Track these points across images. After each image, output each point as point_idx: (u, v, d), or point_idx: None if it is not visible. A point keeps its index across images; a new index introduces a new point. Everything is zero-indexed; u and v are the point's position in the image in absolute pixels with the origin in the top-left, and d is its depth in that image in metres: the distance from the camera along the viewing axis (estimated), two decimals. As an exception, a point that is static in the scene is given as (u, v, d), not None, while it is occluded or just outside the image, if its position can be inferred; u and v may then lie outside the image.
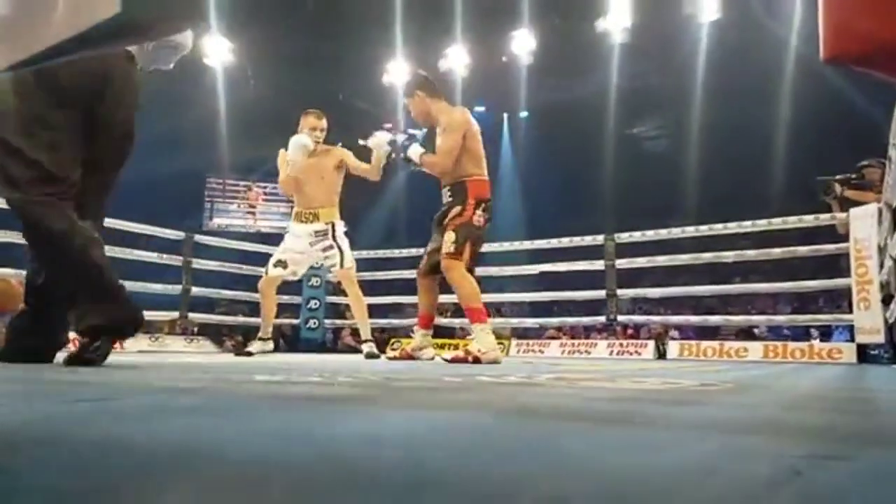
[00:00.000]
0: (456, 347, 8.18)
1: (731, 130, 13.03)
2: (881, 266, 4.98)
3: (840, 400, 1.65)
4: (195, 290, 6.73)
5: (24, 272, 2.81)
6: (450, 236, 3.86)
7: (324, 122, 5.02)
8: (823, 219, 5.90)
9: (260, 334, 5.13)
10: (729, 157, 13.25)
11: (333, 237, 5.00)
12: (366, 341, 5.05)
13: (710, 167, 13.27)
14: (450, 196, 4.04)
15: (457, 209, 3.93)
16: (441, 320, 7.93)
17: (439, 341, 8.51)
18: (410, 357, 4.30)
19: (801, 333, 8.94)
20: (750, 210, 6.60)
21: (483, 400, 1.32)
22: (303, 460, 0.58)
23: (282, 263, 4.99)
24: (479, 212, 3.91)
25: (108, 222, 5.98)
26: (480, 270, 7.77)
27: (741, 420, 0.99)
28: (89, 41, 1.27)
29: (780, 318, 7.60)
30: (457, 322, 8.13)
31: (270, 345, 5.13)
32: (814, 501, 0.46)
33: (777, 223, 6.14)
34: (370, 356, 4.78)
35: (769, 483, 0.51)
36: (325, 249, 5.01)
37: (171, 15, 1.31)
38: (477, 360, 3.62)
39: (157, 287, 6.60)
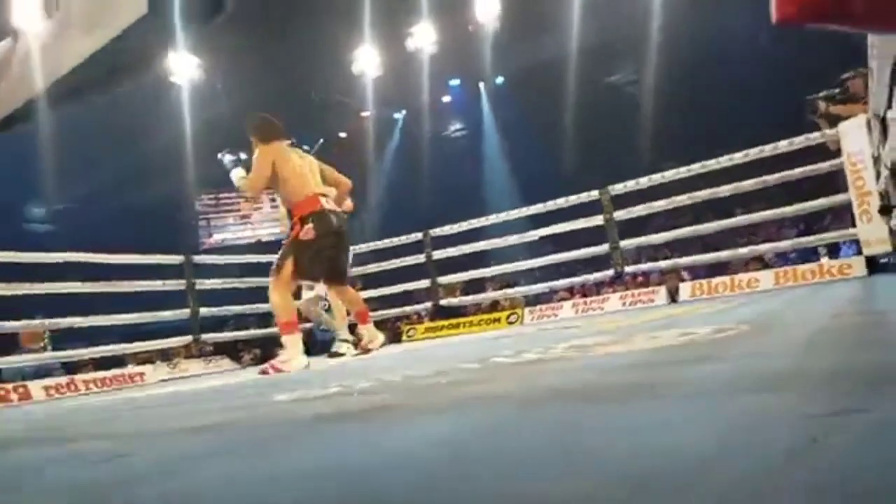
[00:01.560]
0: (460, 325, 8.21)
1: (708, 65, 12.91)
2: (878, 176, 4.95)
3: (858, 329, 1.65)
4: (204, 310, 6.75)
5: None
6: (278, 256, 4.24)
7: None
8: (813, 138, 5.84)
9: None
10: (710, 93, 13.13)
11: None
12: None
13: (692, 105, 13.16)
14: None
15: (291, 232, 4.27)
16: (452, 300, 7.98)
17: (454, 321, 8.54)
18: (367, 351, 4.62)
19: (810, 254, 8.93)
20: (740, 142, 6.53)
21: (501, 391, 1.33)
22: (339, 498, 0.58)
23: None
24: (306, 227, 4.16)
25: (105, 258, 6.05)
26: (483, 244, 7.85)
27: (757, 374, 0.99)
28: (71, 91, 1.26)
29: (785, 244, 7.57)
30: (468, 300, 8.16)
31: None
32: (830, 471, 0.46)
33: (769, 150, 6.08)
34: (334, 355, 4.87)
35: (787, 456, 0.51)
36: None
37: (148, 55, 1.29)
38: (279, 371, 3.83)
39: (166, 314, 6.61)
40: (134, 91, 11.68)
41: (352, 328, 5.30)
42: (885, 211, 4.54)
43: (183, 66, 11.97)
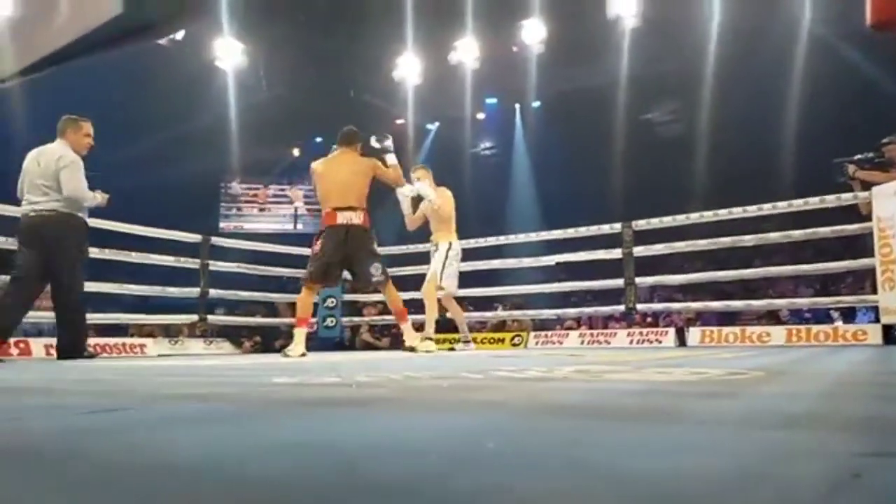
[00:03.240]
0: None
1: (746, 112, 12.81)
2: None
3: (880, 385, 1.58)
4: (214, 292, 6.76)
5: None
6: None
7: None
8: (845, 199, 5.75)
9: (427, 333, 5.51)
10: (744, 140, 13.02)
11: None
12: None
13: (724, 150, 13.05)
14: None
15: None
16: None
17: (458, 335, 8.47)
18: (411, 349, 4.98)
19: (823, 316, 8.77)
20: (766, 193, 6.45)
21: (502, 399, 1.28)
22: (321, 475, 0.55)
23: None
24: (319, 241, 4.78)
25: (125, 227, 6.09)
26: (497, 262, 7.81)
27: (779, 412, 0.94)
28: (93, 43, 1.25)
29: (803, 301, 7.46)
30: (475, 316, 8.10)
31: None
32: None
33: (798, 204, 6.00)
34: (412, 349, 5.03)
35: (827, 488, 0.46)
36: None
37: (171, 14, 1.28)
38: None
39: (174, 290, 6.62)
40: (179, 69, 11.85)
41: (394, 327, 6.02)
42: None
43: (228, 51, 12.12)
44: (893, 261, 5.30)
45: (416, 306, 6.00)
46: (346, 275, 5.30)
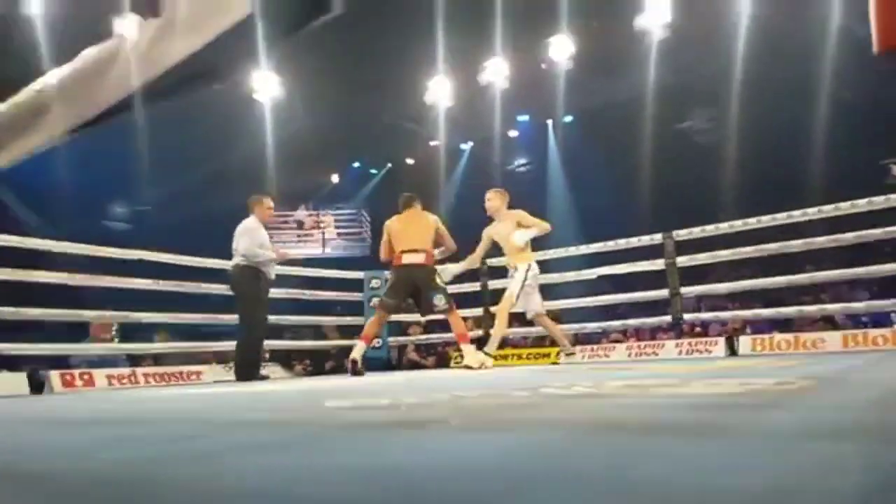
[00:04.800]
0: (508, 357, 8.14)
1: (781, 119, 12.53)
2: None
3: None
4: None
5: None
6: None
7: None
8: (893, 200, 5.59)
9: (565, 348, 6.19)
10: (780, 146, 12.73)
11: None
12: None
13: (762, 157, 12.78)
14: None
15: None
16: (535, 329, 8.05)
17: (503, 352, 8.47)
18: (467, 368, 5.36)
19: (884, 318, 8.43)
20: (804, 197, 6.30)
21: (551, 418, 1.31)
22: (383, 499, 0.59)
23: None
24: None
25: (179, 259, 6.35)
26: (543, 278, 7.77)
27: (827, 424, 0.95)
28: (157, 93, 1.34)
29: (857, 305, 7.19)
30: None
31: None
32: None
33: (845, 207, 5.85)
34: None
35: (868, 499, 0.49)
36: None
37: (236, 58, 1.37)
38: None
39: (225, 317, 6.82)
40: (218, 104, 12.28)
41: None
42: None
43: (265, 84, 12.48)
44: (950, 260, 5.12)
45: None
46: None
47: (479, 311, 7.65)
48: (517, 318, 8.80)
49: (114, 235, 14.39)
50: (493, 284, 7.59)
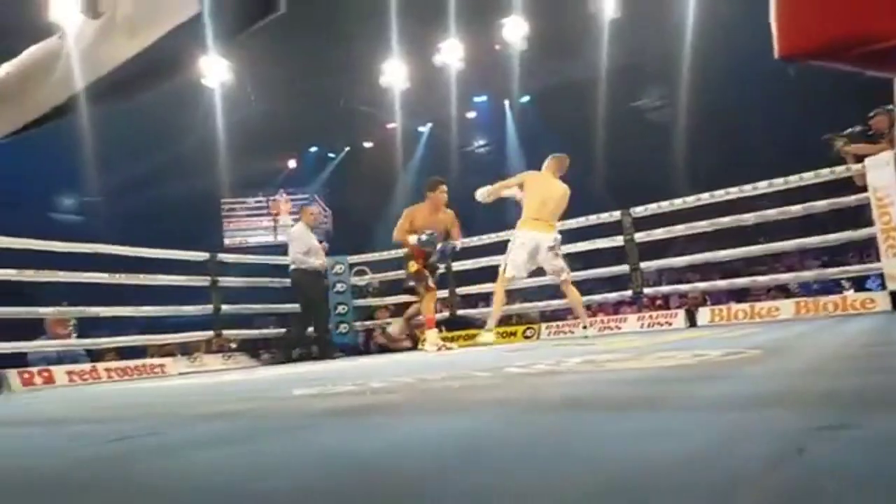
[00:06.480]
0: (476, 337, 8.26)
1: (734, 94, 12.83)
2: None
3: (866, 358, 1.65)
4: (226, 307, 6.90)
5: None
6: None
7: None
8: (839, 171, 5.81)
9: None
10: (734, 121, 13.04)
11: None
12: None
13: (716, 132, 13.08)
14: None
15: None
16: (470, 311, 8.05)
17: (471, 332, 8.56)
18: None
19: (834, 285, 8.79)
20: (756, 173, 6.52)
21: (506, 397, 1.36)
22: (341, 482, 0.63)
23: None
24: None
25: (133, 251, 6.23)
26: (502, 257, 7.86)
27: (757, 393, 1.02)
28: (106, 92, 1.31)
29: (807, 274, 7.49)
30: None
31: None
32: (813, 480, 0.49)
33: (794, 181, 6.06)
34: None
35: (771, 464, 0.54)
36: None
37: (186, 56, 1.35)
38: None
39: (188, 309, 6.75)
40: (166, 91, 11.94)
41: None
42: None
43: (215, 70, 12.17)
44: (894, 228, 5.35)
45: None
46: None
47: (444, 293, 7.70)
48: (483, 299, 8.92)
49: (63, 228, 13.97)
50: (459, 266, 7.67)
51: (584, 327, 6.10)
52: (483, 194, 6.18)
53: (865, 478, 0.49)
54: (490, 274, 7.59)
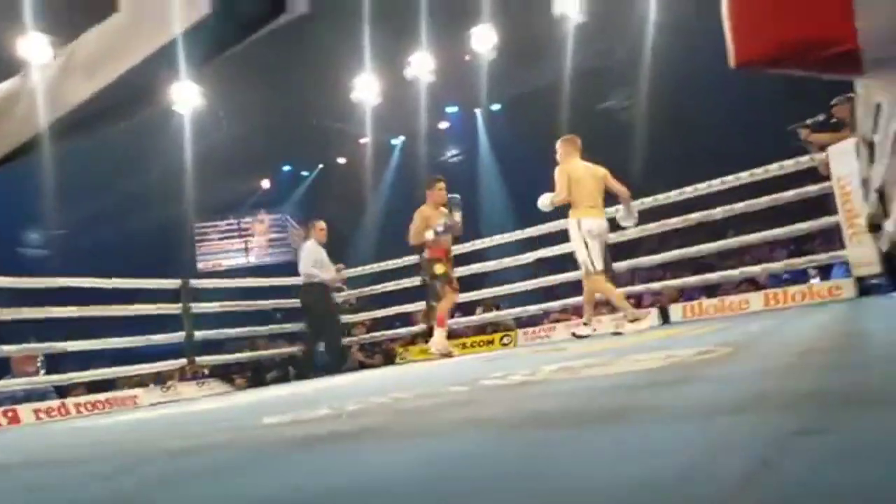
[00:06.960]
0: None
1: (700, 91, 13.06)
2: (867, 199, 5.01)
3: (834, 351, 1.67)
4: (199, 334, 6.77)
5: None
6: None
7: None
8: (803, 162, 5.93)
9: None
10: (702, 118, 13.26)
11: None
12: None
13: (683, 129, 13.29)
14: None
15: None
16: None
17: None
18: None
19: (801, 275, 8.95)
20: (728, 167, 6.63)
21: (482, 416, 1.34)
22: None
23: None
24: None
25: (102, 283, 6.08)
26: (477, 266, 7.90)
27: (728, 397, 1.01)
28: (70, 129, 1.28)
29: (776, 266, 7.62)
30: (463, 321, 8.16)
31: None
32: (779, 495, 0.48)
33: (760, 173, 6.17)
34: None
35: (740, 482, 0.52)
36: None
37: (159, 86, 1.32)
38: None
39: (159, 338, 6.60)
40: (135, 121, 11.74)
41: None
42: (872, 229, 4.60)
43: (185, 96, 11.98)
44: (857, 215, 5.47)
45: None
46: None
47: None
48: (460, 308, 8.91)
49: (30, 263, 13.64)
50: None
51: (633, 321, 5.73)
52: (546, 204, 6.04)
53: (839, 487, 0.47)
54: (460, 283, 7.60)
